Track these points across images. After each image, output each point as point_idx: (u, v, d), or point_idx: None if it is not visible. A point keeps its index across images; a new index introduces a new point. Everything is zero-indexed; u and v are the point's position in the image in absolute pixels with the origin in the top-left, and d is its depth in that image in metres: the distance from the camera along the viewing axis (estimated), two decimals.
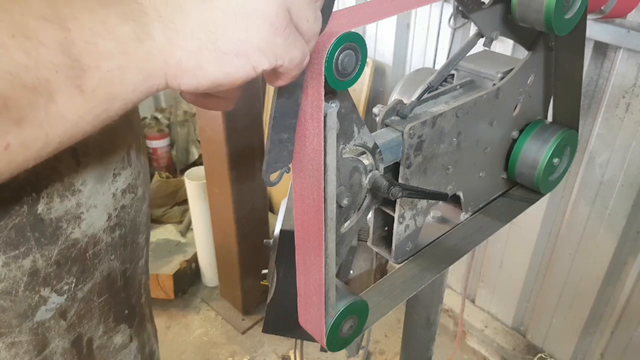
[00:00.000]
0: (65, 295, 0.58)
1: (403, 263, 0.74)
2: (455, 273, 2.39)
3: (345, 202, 0.58)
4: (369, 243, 0.76)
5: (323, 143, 0.50)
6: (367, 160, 0.60)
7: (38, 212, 0.52)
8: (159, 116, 3.25)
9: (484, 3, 0.68)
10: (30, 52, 0.32)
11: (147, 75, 0.37)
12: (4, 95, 0.31)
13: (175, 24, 0.36)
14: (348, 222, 0.62)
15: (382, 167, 0.62)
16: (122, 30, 0.35)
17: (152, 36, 0.36)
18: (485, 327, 2.30)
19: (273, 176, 0.51)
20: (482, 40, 0.72)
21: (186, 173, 2.47)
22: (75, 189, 0.55)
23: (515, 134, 0.81)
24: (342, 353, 2.21)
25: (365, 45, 0.48)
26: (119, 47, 0.35)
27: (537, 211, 1.95)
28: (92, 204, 0.58)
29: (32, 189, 0.51)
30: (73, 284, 0.58)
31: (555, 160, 0.80)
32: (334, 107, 0.51)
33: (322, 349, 0.99)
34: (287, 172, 0.52)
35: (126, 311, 0.69)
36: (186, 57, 0.37)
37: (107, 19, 0.35)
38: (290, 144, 0.51)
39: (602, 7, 1.26)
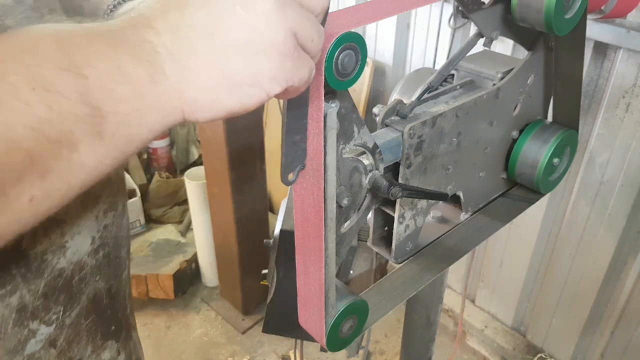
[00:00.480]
0: (54, 325, 0.58)
1: (403, 263, 0.74)
2: (455, 273, 2.39)
3: (345, 202, 0.58)
4: (369, 243, 0.76)
5: (323, 143, 0.50)
6: (367, 160, 0.60)
7: (22, 247, 0.51)
8: None
9: (484, 3, 0.68)
10: (52, 105, 0.32)
11: (164, 115, 0.37)
12: (30, 151, 0.31)
13: (187, 61, 0.37)
14: (348, 222, 0.62)
15: (382, 167, 0.62)
16: (137, 73, 0.35)
17: (165, 76, 0.36)
18: (485, 327, 2.30)
19: (290, 175, 0.52)
20: (482, 40, 0.72)
21: (186, 173, 2.47)
22: (59, 219, 0.54)
23: (515, 134, 0.81)
24: (342, 353, 2.21)
25: (365, 45, 0.48)
26: (136, 91, 0.35)
27: (537, 211, 1.95)
28: (76, 230, 0.57)
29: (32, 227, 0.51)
30: (61, 313, 0.58)
31: (555, 160, 0.80)
32: (334, 107, 0.51)
33: (322, 349, 0.99)
34: (303, 169, 0.53)
35: (113, 327, 0.69)
36: (201, 94, 0.37)
37: (122, 63, 0.35)
38: (304, 143, 0.52)
39: (602, 7, 1.26)
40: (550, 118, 0.86)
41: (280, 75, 0.39)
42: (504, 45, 1.79)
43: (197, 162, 3.19)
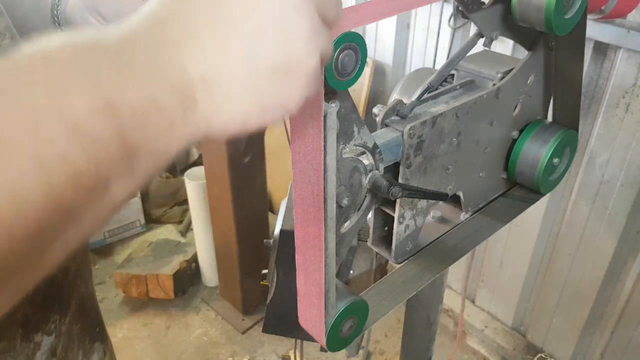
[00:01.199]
0: (54, 334, 0.59)
1: (403, 263, 0.74)
2: (455, 273, 2.39)
3: (345, 202, 0.58)
4: (369, 243, 0.76)
5: (323, 143, 0.50)
6: (367, 160, 0.60)
7: None
8: None
9: (484, 3, 0.68)
10: (87, 149, 0.28)
11: (189, 140, 0.35)
12: (69, 203, 0.29)
13: (221, 87, 0.34)
14: (348, 222, 0.62)
15: (382, 167, 0.62)
16: (171, 106, 0.32)
17: (196, 102, 0.34)
18: (485, 327, 2.30)
19: None
20: (482, 40, 0.72)
21: (186, 173, 2.47)
22: None
23: (515, 134, 0.81)
24: (342, 353, 2.21)
25: (365, 45, 0.48)
26: (168, 123, 0.33)
27: (537, 211, 1.95)
28: None
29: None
30: (57, 321, 0.60)
31: (555, 160, 0.80)
32: (334, 107, 0.51)
33: (322, 349, 0.99)
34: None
35: (97, 329, 0.71)
36: (232, 120, 0.36)
37: (156, 96, 0.32)
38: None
39: (602, 7, 1.26)
40: (550, 118, 0.86)
41: (304, 97, 0.38)
42: (504, 45, 1.79)
43: (197, 162, 3.19)
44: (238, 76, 0.34)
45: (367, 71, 2.30)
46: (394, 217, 0.69)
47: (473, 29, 1.66)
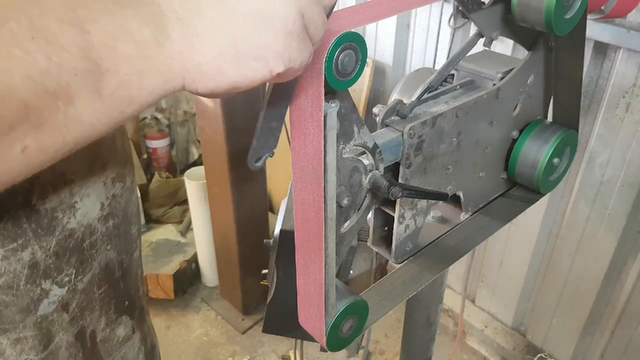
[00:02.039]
0: (66, 287, 0.58)
1: (403, 263, 0.74)
2: (455, 273, 2.39)
3: (345, 202, 0.58)
4: (369, 243, 0.76)
5: (323, 143, 0.50)
6: (367, 160, 0.60)
7: (33, 202, 0.52)
8: (159, 116, 3.25)
9: (484, 3, 0.68)
10: (52, 56, 0.31)
11: (165, 79, 0.37)
12: (26, 100, 0.31)
13: (195, 26, 0.36)
14: (348, 222, 0.62)
15: (382, 167, 0.62)
16: (141, 34, 0.35)
17: (171, 39, 0.36)
18: (485, 327, 2.30)
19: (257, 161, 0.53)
20: (482, 40, 0.72)
21: (186, 173, 2.47)
22: (67, 178, 0.55)
23: (515, 134, 0.81)
24: (342, 353, 2.21)
25: (365, 45, 0.48)
26: (139, 51, 0.35)
27: (537, 211, 1.95)
28: (85, 192, 0.58)
29: (25, 179, 0.52)
30: (73, 276, 0.58)
31: (555, 160, 0.80)
32: (334, 107, 0.51)
33: (322, 349, 0.99)
34: (271, 157, 0.54)
35: (126, 302, 0.69)
36: (206, 61, 0.37)
37: (126, 22, 0.34)
38: (278, 131, 0.53)
39: (602, 7, 1.26)
40: (550, 118, 0.86)
41: (285, 53, 0.39)
42: (504, 45, 1.80)
43: (197, 162, 3.19)
44: (212, 16, 0.36)
45: (367, 71, 2.30)
46: (394, 217, 0.69)
47: (473, 29, 1.66)
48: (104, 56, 0.33)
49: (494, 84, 0.75)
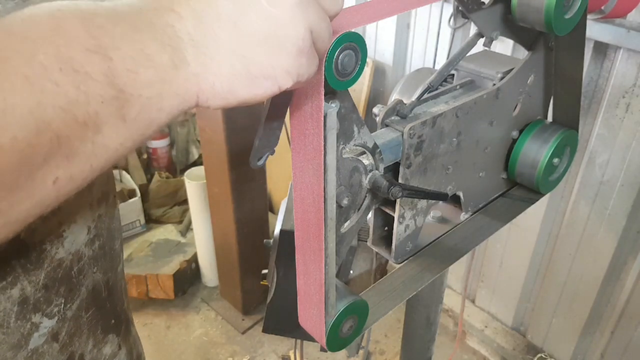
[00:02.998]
0: (56, 317, 0.57)
1: (403, 263, 0.74)
2: (455, 273, 2.39)
3: (345, 202, 0.58)
4: (369, 243, 0.76)
5: (323, 143, 0.50)
6: (367, 160, 0.60)
7: (21, 237, 0.51)
8: None
9: (484, 3, 0.68)
10: (80, 85, 0.32)
11: (182, 100, 0.38)
12: (58, 132, 0.32)
13: (208, 48, 0.37)
14: (348, 222, 0.62)
15: (382, 167, 0.62)
16: (160, 57, 0.35)
17: (187, 62, 0.37)
18: (485, 327, 2.30)
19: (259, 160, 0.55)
20: (482, 40, 0.72)
21: (186, 173, 2.47)
22: (55, 207, 0.54)
23: (515, 134, 0.81)
24: (342, 353, 2.21)
25: (365, 45, 0.48)
26: (158, 75, 0.35)
27: (537, 211, 1.95)
28: (72, 219, 0.57)
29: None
30: (62, 305, 0.58)
31: (555, 160, 0.80)
32: (334, 107, 0.51)
33: (322, 349, 0.99)
34: (272, 155, 0.55)
35: (113, 320, 0.69)
36: (219, 82, 0.38)
37: (145, 47, 0.35)
38: (279, 130, 0.54)
39: (602, 7, 1.26)
40: (550, 118, 0.86)
41: (294, 70, 0.40)
42: (504, 45, 1.79)
43: (197, 162, 3.19)
44: (224, 38, 0.37)
45: (367, 71, 2.30)
46: (394, 217, 0.69)
47: (473, 29, 1.66)
48: (127, 81, 0.34)
49: (494, 84, 0.75)
